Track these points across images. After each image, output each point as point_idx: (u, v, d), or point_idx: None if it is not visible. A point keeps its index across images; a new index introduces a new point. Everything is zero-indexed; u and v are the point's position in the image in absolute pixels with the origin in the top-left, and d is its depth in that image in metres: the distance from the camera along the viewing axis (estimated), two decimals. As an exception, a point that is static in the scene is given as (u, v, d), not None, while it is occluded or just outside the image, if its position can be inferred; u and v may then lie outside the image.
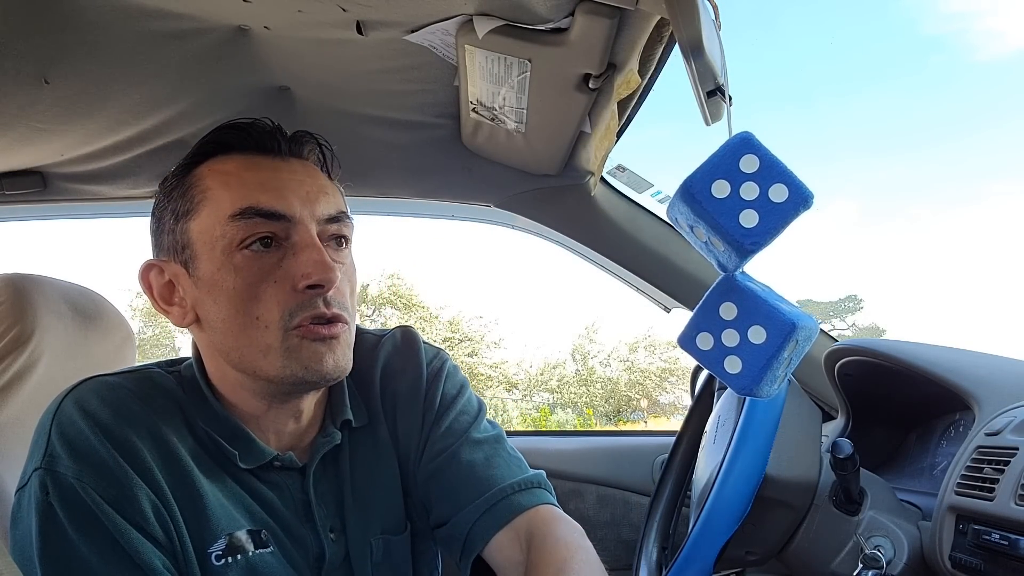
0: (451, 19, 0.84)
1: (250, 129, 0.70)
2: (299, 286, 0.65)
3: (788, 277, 17.72)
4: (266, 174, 0.68)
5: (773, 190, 0.51)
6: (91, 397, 0.65)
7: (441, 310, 15.57)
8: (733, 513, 0.85)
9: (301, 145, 0.73)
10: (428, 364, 0.83)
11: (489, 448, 0.78)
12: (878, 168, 23.71)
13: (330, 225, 0.70)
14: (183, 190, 0.69)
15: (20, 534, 0.61)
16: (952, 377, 0.96)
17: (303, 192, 0.68)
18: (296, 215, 0.67)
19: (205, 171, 0.69)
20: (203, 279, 0.67)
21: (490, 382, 15.04)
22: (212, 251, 0.66)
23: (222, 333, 0.67)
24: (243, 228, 0.65)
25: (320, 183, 0.71)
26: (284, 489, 0.71)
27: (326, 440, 0.74)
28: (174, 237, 0.69)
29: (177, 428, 0.67)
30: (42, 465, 0.61)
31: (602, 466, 1.51)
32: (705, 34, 0.64)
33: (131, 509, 0.61)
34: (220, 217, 0.66)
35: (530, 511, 0.73)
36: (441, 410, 0.80)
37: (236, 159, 0.69)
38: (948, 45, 24.18)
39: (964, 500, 0.81)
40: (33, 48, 0.86)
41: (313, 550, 0.71)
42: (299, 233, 0.67)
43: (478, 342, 15.51)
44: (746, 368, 0.53)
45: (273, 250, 0.66)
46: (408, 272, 17.75)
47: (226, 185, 0.67)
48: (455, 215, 1.42)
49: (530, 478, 0.77)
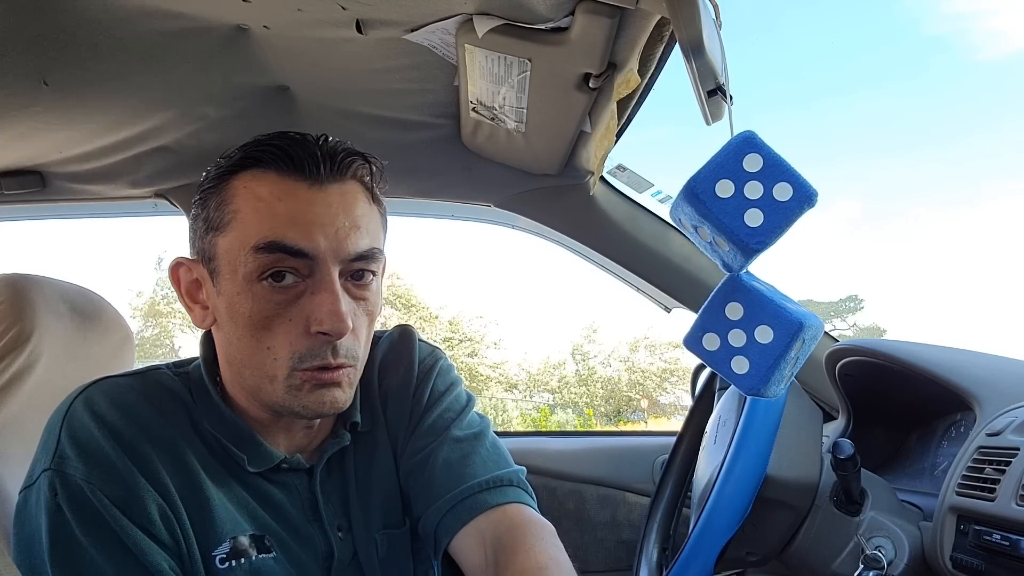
0: (451, 18, 0.84)
1: (290, 149, 0.67)
2: (311, 330, 0.65)
3: (788, 277, 17.73)
4: (299, 207, 0.65)
5: (777, 189, 0.51)
6: (101, 399, 0.65)
7: (441, 310, 15.58)
8: (734, 514, 0.85)
9: (343, 167, 0.68)
10: (421, 361, 0.83)
11: (467, 445, 0.78)
12: (880, 168, 23.71)
13: (356, 263, 0.68)
14: (218, 201, 0.68)
15: (27, 534, 0.61)
16: (953, 377, 0.96)
17: (333, 229, 0.65)
18: (320, 254, 0.65)
19: (240, 187, 0.67)
20: (224, 295, 0.67)
21: (490, 382, 15.05)
22: (234, 274, 0.66)
23: (236, 350, 0.68)
24: (266, 261, 0.64)
25: (354, 216, 0.68)
26: (292, 489, 0.72)
27: (336, 442, 0.75)
28: (203, 245, 0.69)
29: (185, 431, 0.68)
30: (51, 466, 0.61)
31: (602, 466, 1.51)
32: (706, 33, 0.63)
33: (138, 512, 0.61)
34: (245, 244, 0.65)
35: (497, 509, 0.72)
36: (427, 407, 0.80)
37: (271, 181, 0.66)
38: (950, 45, 24.19)
39: (965, 500, 0.81)
40: (33, 48, 0.86)
41: (322, 549, 0.72)
42: (321, 273, 0.65)
43: (478, 342, 15.52)
44: (754, 368, 0.53)
45: (293, 285, 0.65)
46: (408, 272, 17.76)
47: (256, 212, 0.65)
48: (455, 215, 1.42)
49: (502, 475, 0.75)
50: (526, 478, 0.78)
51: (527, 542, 0.68)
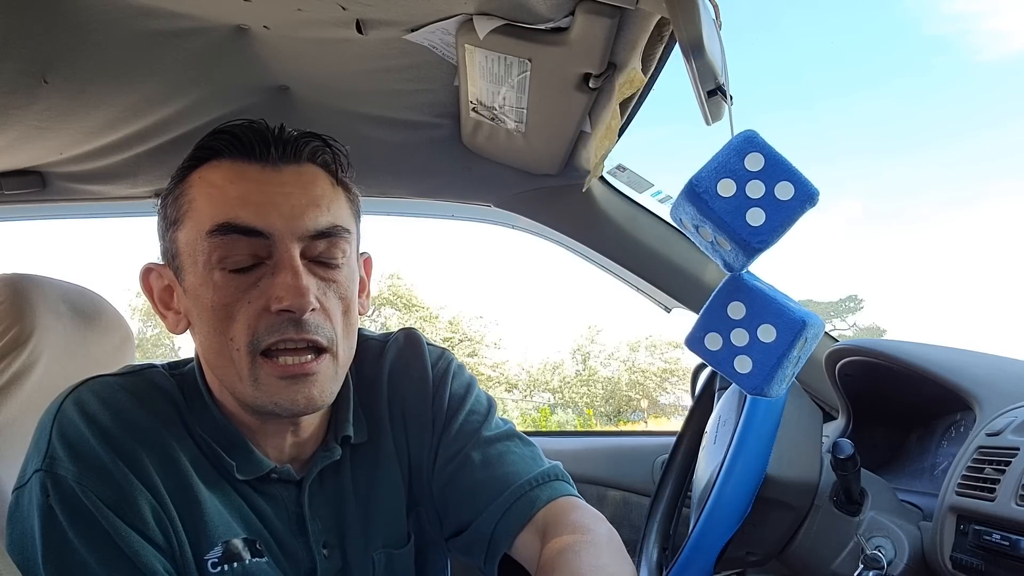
0: (451, 18, 0.84)
1: (241, 134, 0.66)
2: (271, 308, 0.63)
3: (788, 277, 17.74)
4: (250, 187, 0.64)
5: (779, 188, 0.50)
6: (92, 399, 0.64)
7: (441, 310, 15.58)
8: (734, 514, 0.85)
9: (298, 149, 0.67)
10: (433, 366, 0.81)
11: (502, 445, 0.77)
12: (882, 168, 23.71)
13: (318, 241, 0.65)
14: (174, 197, 0.67)
15: (19, 534, 0.61)
16: (953, 377, 0.96)
17: (288, 207, 0.64)
18: (276, 232, 0.63)
19: (195, 179, 0.66)
20: (189, 291, 0.66)
21: (490, 382, 15.05)
22: (195, 265, 0.65)
23: (205, 348, 0.67)
24: (221, 245, 0.63)
25: (312, 194, 0.66)
26: (280, 501, 0.70)
27: (326, 455, 0.73)
28: (166, 244, 0.68)
29: (177, 432, 0.67)
30: (43, 467, 0.60)
31: (602, 466, 1.51)
32: (706, 33, 0.63)
33: (131, 512, 0.60)
34: (200, 231, 0.64)
35: (550, 504, 0.72)
36: (450, 413, 0.79)
37: (225, 167, 0.65)
38: (951, 46, 24.20)
39: (965, 500, 0.81)
40: (33, 48, 0.86)
41: (305, 565, 0.70)
42: (279, 252, 0.63)
43: (478, 342, 15.52)
44: (757, 367, 0.53)
45: (253, 269, 0.63)
46: (408, 272, 17.77)
47: (208, 198, 0.64)
48: (455, 215, 1.42)
49: (547, 471, 0.75)
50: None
51: (574, 521, 0.69)
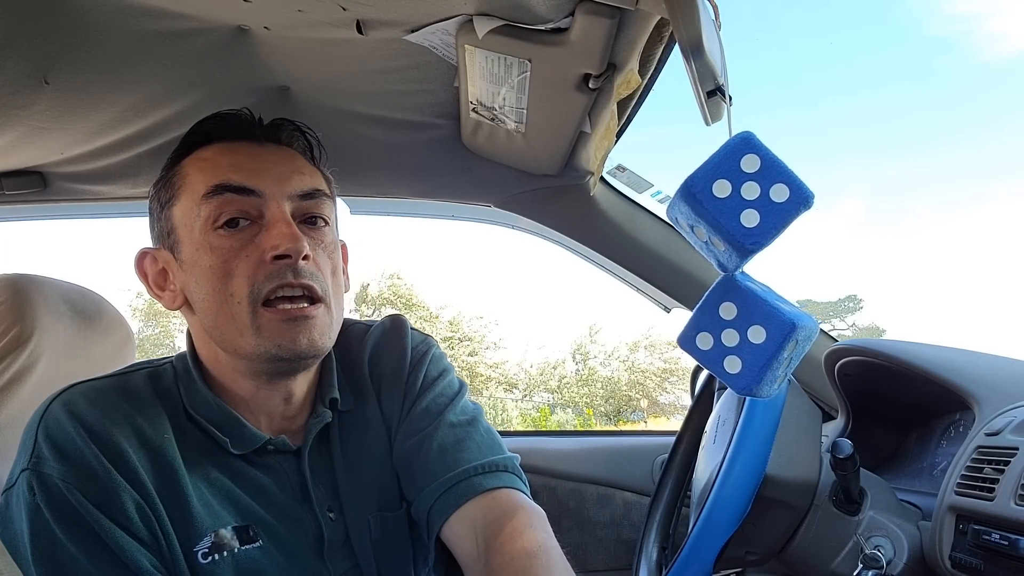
0: (451, 19, 0.84)
1: (228, 118, 0.74)
2: (267, 257, 0.67)
3: (788, 277, 17.73)
4: (240, 156, 0.71)
5: (774, 190, 0.51)
6: (78, 399, 0.66)
7: (441, 310, 15.58)
8: (733, 513, 0.85)
9: (278, 131, 0.76)
10: (413, 348, 0.84)
11: (462, 430, 0.78)
12: (884, 168, 23.70)
13: (304, 202, 0.72)
14: (166, 181, 0.73)
15: (10, 534, 0.62)
16: (952, 377, 0.96)
17: (276, 172, 0.71)
18: (267, 191, 0.69)
19: (187, 161, 0.73)
20: (186, 261, 0.70)
21: (490, 382, 15.05)
22: (191, 232, 0.69)
23: (204, 312, 0.70)
24: (216, 205, 0.68)
25: (296, 164, 0.74)
26: (280, 472, 0.73)
27: (317, 420, 0.76)
28: (161, 224, 0.73)
29: (164, 427, 0.68)
30: (29, 466, 0.62)
31: (602, 466, 1.51)
32: (705, 34, 0.63)
33: (115, 510, 0.61)
34: (196, 198, 0.69)
35: (489, 494, 0.73)
36: (421, 391, 0.81)
37: (215, 147, 0.73)
38: (952, 46, 24.19)
39: (964, 500, 0.81)
40: (33, 48, 0.86)
41: (313, 531, 0.72)
42: (270, 209, 0.69)
43: (478, 342, 15.52)
44: (746, 368, 0.53)
45: (247, 228, 0.69)
46: (408, 272, 17.78)
47: (202, 169, 0.71)
48: (455, 215, 1.42)
49: (496, 460, 0.76)
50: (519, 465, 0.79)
51: (518, 527, 0.69)
